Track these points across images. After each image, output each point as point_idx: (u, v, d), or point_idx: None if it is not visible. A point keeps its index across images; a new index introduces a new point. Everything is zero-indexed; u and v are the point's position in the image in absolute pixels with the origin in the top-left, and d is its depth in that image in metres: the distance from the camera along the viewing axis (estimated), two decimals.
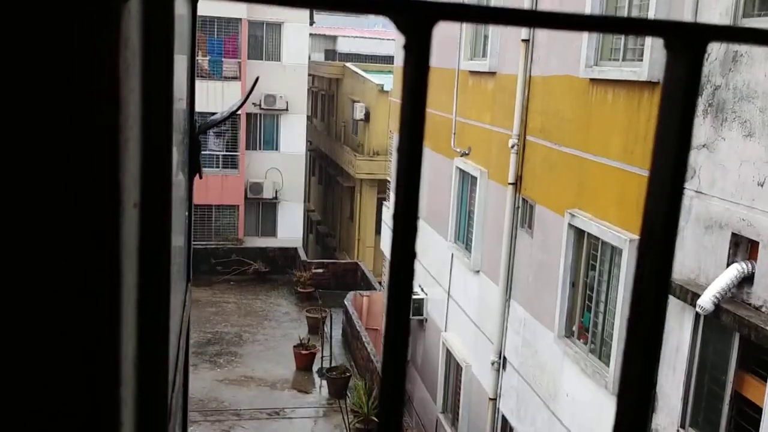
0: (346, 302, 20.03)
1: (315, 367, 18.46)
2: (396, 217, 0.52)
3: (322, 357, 18.31)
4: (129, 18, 0.50)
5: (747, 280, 6.23)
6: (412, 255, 0.49)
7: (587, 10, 8.84)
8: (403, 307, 0.49)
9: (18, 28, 0.43)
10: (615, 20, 0.52)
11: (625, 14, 8.35)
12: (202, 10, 27.37)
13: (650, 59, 7.57)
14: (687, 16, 7.03)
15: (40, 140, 0.43)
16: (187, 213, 1.66)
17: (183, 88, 1.51)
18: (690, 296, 6.68)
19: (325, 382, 17.58)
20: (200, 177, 1.72)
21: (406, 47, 0.50)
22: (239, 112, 26.02)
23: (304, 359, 18.41)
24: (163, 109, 0.65)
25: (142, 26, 0.56)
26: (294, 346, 18.63)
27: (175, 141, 1.38)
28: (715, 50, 6.67)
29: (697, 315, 6.70)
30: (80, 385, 0.45)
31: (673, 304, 7.15)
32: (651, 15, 7.60)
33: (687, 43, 0.51)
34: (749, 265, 6.21)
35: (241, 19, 26.03)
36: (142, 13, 0.56)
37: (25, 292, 0.46)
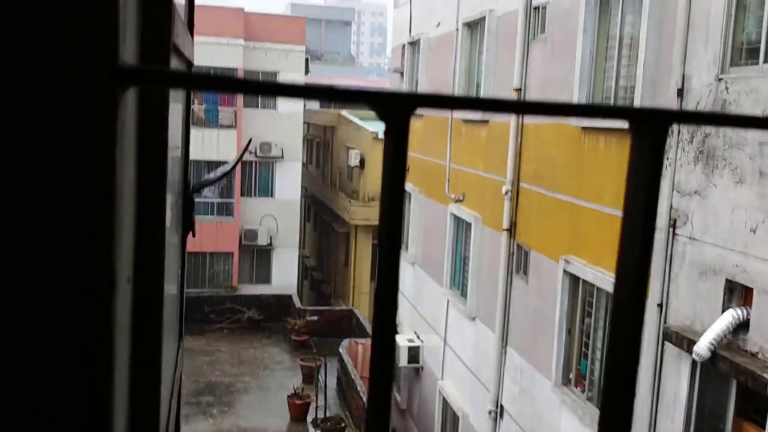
0: (341, 350, 19.86)
1: (309, 418, 18.19)
2: (378, 291, 0.54)
3: (316, 407, 18.06)
4: (125, 106, 0.52)
5: (742, 326, 6.23)
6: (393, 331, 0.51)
7: (576, 70, 9.01)
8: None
9: (18, 115, 0.46)
10: (582, 107, 0.55)
11: (615, 69, 8.50)
12: (199, 59, 27.69)
13: (641, 106, 7.68)
14: (676, 66, 7.16)
15: (40, 223, 0.45)
16: (179, 272, 1.68)
17: (178, 150, 1.54)
18: (686, 343, 6.66)
19: None
20: (193, 236, 1.75)
21: (386, 132, 0.53)
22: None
23: (299, 409, 18.16)
24: (157, 186, 0.68)
25: (138, 113, 0.59)
26: (288, 396, 18.39)
27: (168, 202, 1.41)
28: (704, 98, 6.79)
29: (694, 362, 6.68)
30: None
31: (670, 351, 7.12)
32: (640, 66, 7.75)
33: (650, 126, 0.54)
34: (744, 311, 6.22)
35: (237, 68, 26.38)
36: (139, 101, 0.59)
37: (15, 364, 0.47)
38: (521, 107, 0.52)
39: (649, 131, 0.55)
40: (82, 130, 0.44)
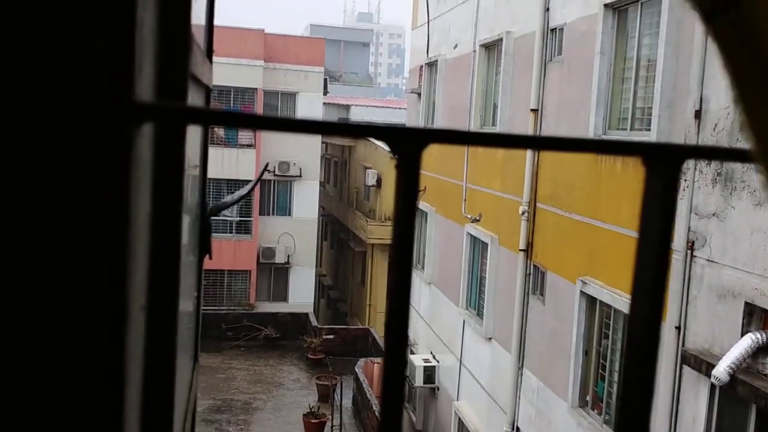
0: (356, 369, 19.79)
1: None
2: (389, 320, 0.55)
3: (332, 426, 17.98)
4: (141, 140, 0.53)
5: (762, 350, 6.14)
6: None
7: (593, 92, 9.00)
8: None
9: (33, 150, 0.47)
10: (596, 142, 0.55)
11: (632, 91, 8.49)
12: (219, 79, 27.90)
13: (658, 128, 7.66)
14: (693, 88, 7.13)
15: (55, 258, 0.46)
16: (196, 293, 1.69)
17: (196, 167, 1.56)
18: (705, 366, 6.58)
19: None
20: (210, 258, 1.76)
21: (397, 167, 0.54)
22: (253, 178, 26.32)
23: (314, 428, 18.09)
24: (172, 221, 0.69)
25: (154, 144, 0.60)
26: (303, 415, 18.34)
27: (186, 224, 1.42)
28: (722, 120, 6.75)
29: (713, 386, 6.59)
30: None
31: (688, 374, 7.04)
32: (657, 88, 7.72)
33: (663, 161, 0.54)
34: (764, 335, 6.14)
35: (257, 89, 26.61)
36: (156, 131, 0.60)
37: (27, 395, 0.48)
38: (534, 143, 0.52)
39: (662, 167, 0.55)
40: (96, 167, 0.45)
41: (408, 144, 0.52)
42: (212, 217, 1.74)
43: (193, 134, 1.50)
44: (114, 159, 0.45)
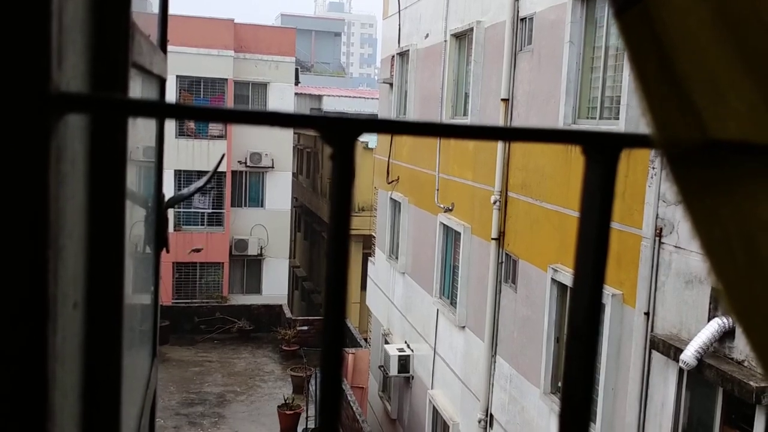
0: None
1: (300, 428, 18.11)
2: (326, 315, 0.54)
3: (307, 417, 17.99)
4: (65, 130, 0.51)
5: (728, 334, 6.25)
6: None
7: (563, 81, 9.05)
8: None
9: None
10: (535, 130, 0.54)
11: (601, 80, 8.55)
12: (189, 70, 27.51)
13: (626, 117, 7.73)
14: None
15: None
16: (153, 288, 1.67)
17: (150, 161, 1.53)
18: (673, 351, 6.67)
19: None
20: (167, 251, 1.73)
21: (331, 157, 0.53)
22: (224, 170, 26.14)
23: (289, 420, 18.08)
24: (113, 214, 0.67)
25: (88, 136, 0.57)
26: (278, 406, 18.32)
27: (141, 216, 1.39)
28: None
29: (681, 370, 6.69)
30: None
31: (657, 359, 7.14)
32: (626, 76, 7.79)
33: (601, 150, 0.54)
34: (730, 320, 6.24)
35: (227, 79, 26.38)
36: (89, 123, 0.57)
37: None
38: (471, 132, 0.52)
39: (601, 156, 0.54)
40: (10, 158, 0.43)
41: (341, 133, 0.51)
42: (167, 211, 1.71)
43: (147, 125, 1.47)
44: (29, 151, 0.44)
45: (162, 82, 1.57)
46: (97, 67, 0.67)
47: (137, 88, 1.13)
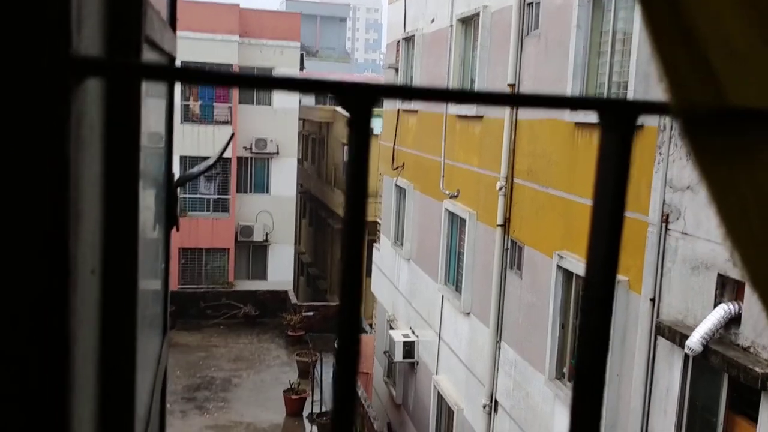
0: (336, 345, 19.84)
1: (305, 412, 18.22)
2: (343, 278, 0.54)
3: (312, 402, 18.09)
4: (84, 96, 0.52)
5: (734, 320, 6.25)
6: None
7: (570, 65, 9.01)
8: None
9: None
10: (550, 98, 0.54)
11: (608, 64, 8.51)
12: (194, 56, 27.44)
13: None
14: None
15: None
16: (164, 265, 1.67)
17: (161, 139, 1.53)
18: (679, 337, 6.68)
19: (315, 428, 17.33)
20: (177, 230, 1.74)
21: (349, 123, 0.53)
22: (230, 156, 26.14)
23: (295, 404, 18.18)
24: (127, 178, 0.67)
25: (104, 103, 0.58)
26: (284, 391, 18.41)
27: (152, 194, 1.40)
28: None
29: (686, 356, 6.70)
30: None
31: (662, 345, 7.14)
32: (633, 60, 7.75)
33: (619, 117, 0.54)
34: (736, 306, 6.24)
35: (232, 65, 26.32)
36: (106, 90, 0.58)
37: None
38: (490, 99, 0.52)
39: (617, 123, 0.55)
40: (32, 120, 0.44)
41: (359, 99, 0.51)
42: (178, 189, 1.72)
43: (157, 107, 1.47)
44: (51, 112, 0.44)
45: (172, 60, 1.57)
46: (112, 38, 0.67)
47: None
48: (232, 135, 3.99)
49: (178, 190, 1.81)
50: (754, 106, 0.49)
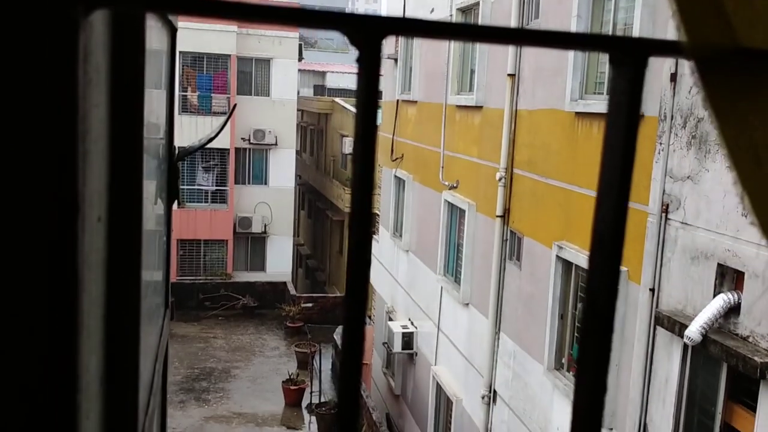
0: (335, 337, 19.91)
1: (304, 403, 18.26)
2: (352, 226, 0.54)
3: (311, 392, 18.13)
4: (91, 32, 0.51)
5: (734, 310, 6.25)
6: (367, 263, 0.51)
7: (570, 56, 8.98)
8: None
9: None
10: (559, 34, 0.54)
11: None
12: (192, 46, 27.39)
13: None
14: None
15: None
16: (165, 239, 1.67)
17: (162, 115, 1.52)
18: (678, 327, 6.68)
19: (314, 418, 17.37)
20: (179, 205, 1.73)
21: (358, 60, 0.52)
22: (228, 147, 26.10)
23: (294, 395, 18.22)
24: (132, 125, 0.66)
25: (109, 41, 0.57)
26: (283, 382, 18.45)
27: (153, 167, 1.39)
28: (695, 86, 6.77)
29: (686, 346, 6.71)
30: (35, 389, 0.45)
31: (662, 335, 7.15)
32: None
33: (629, 56, 0.53)
34: (735, 296, 6.24)
35: (230, 55, 26.26)
36: (110, 28, 0.57)
37: None
38: (503, 34, 0.51)
39: (629, 60, 0.54)
40: (40, 51, 0.43)
41: (368, 33, 0.50)
42: (179, 163, 1.72)
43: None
44: (59, 43, 0.43)
45: (173, 31, 1.56)
46: None
47: (152, 35, 1.12)
48: (234, 106, 3.98)
49: (179, 165, 1.80)
50: (765, 48, 0.49)
